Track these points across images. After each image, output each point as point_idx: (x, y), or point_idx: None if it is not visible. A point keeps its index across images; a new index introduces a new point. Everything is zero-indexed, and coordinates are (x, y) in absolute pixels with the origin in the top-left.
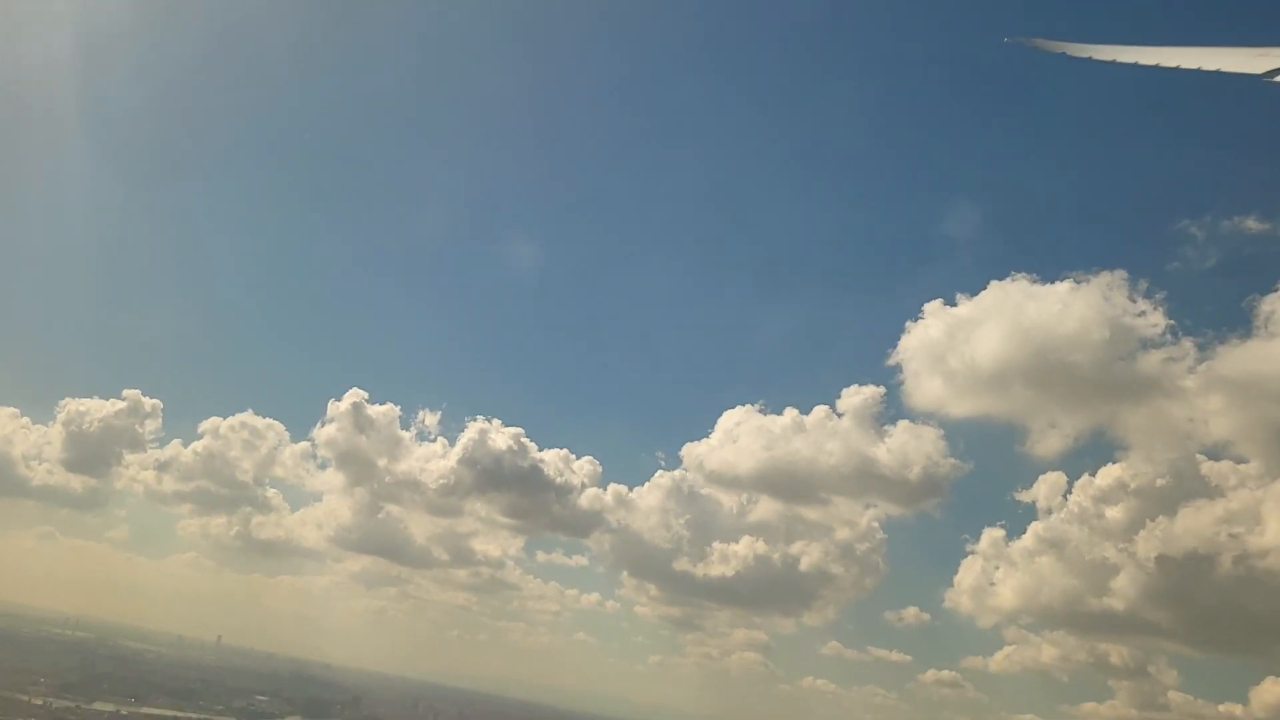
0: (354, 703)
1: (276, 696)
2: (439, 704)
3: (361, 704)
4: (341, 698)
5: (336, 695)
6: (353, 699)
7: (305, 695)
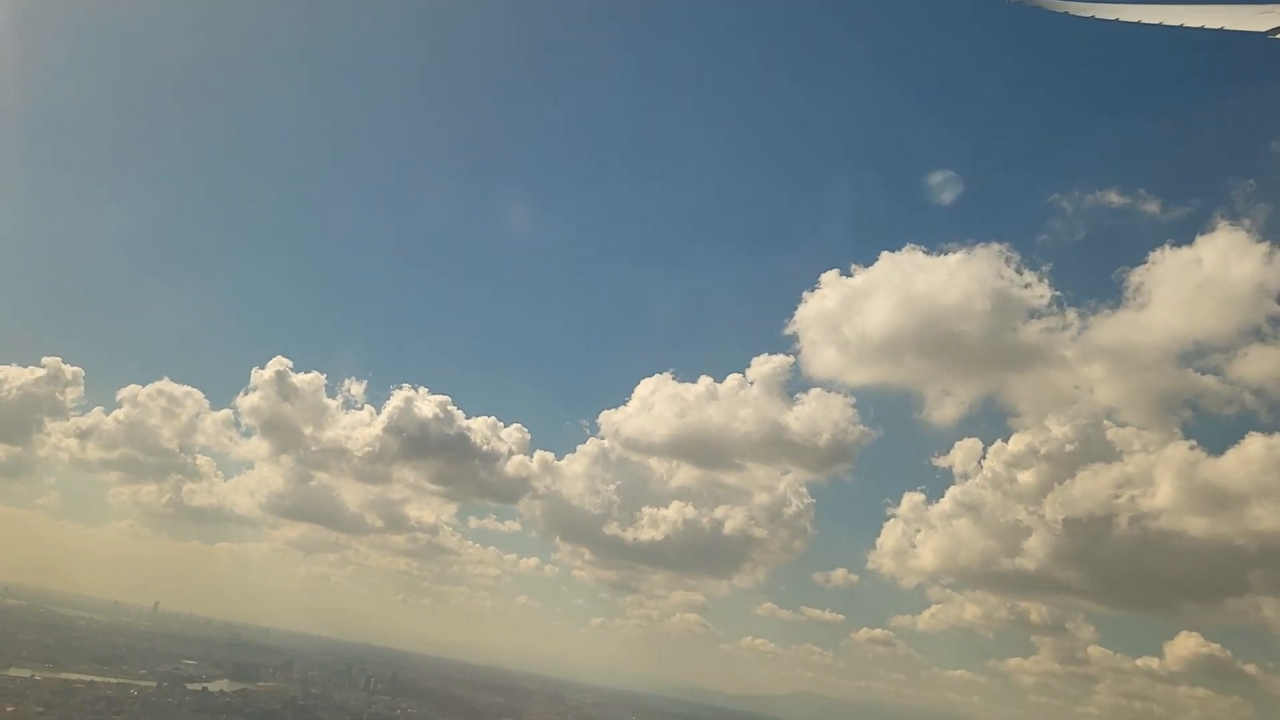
0: (286, 666)
1: (206, 661)
2: (374, 666)
3: (293, 667)
4: (275, 661)
5: (269, 659)
6: (285, 662)
7: (236, 659)
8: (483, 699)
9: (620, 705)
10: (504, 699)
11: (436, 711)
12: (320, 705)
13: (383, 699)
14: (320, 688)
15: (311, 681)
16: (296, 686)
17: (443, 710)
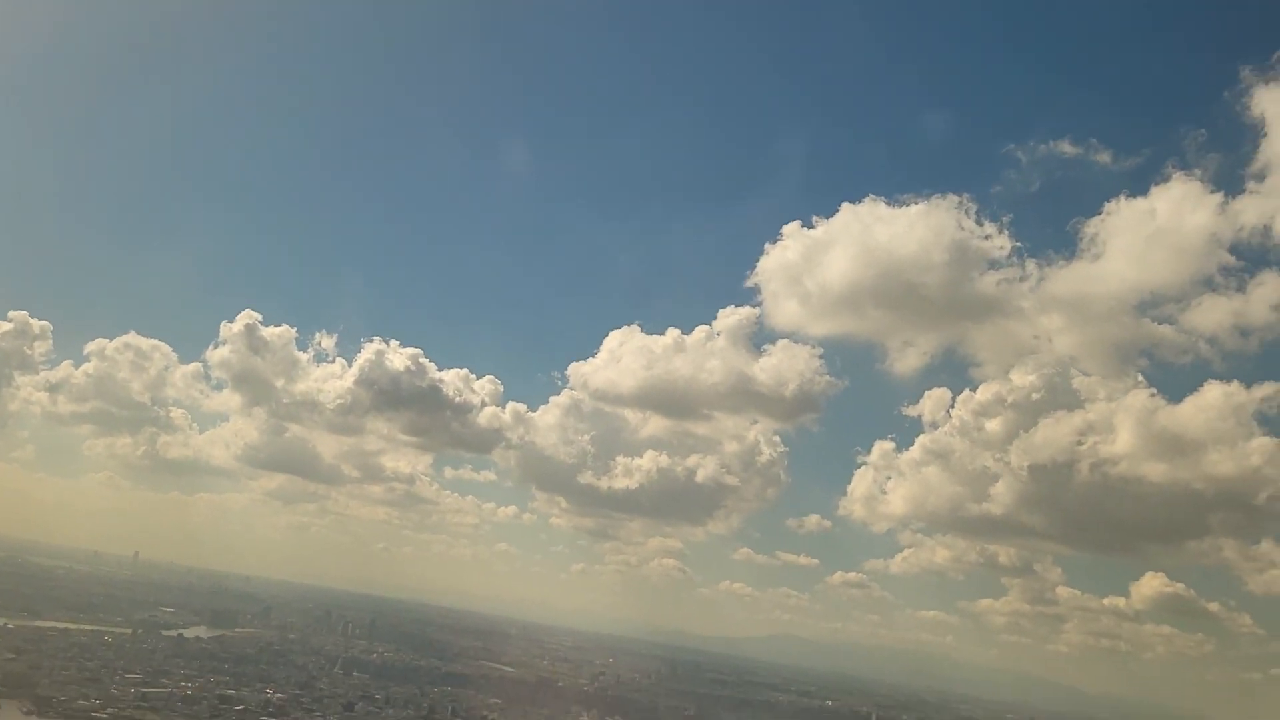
0: (264, 613)
1: (184, 608)
2: (353, 612)
3: (272, 614)
4: (253, 608)
5: (249, 606)
6: (264, 609)
7: (215, 607)
8: (461, 642)
9: (599, 648)
10: (482, 642)
11: (414, 654)
12: (297, 650)
13: (360, 643)
14: (298, 633)
15: (290, 627)
16: (274, 632)
17: (420, 653)
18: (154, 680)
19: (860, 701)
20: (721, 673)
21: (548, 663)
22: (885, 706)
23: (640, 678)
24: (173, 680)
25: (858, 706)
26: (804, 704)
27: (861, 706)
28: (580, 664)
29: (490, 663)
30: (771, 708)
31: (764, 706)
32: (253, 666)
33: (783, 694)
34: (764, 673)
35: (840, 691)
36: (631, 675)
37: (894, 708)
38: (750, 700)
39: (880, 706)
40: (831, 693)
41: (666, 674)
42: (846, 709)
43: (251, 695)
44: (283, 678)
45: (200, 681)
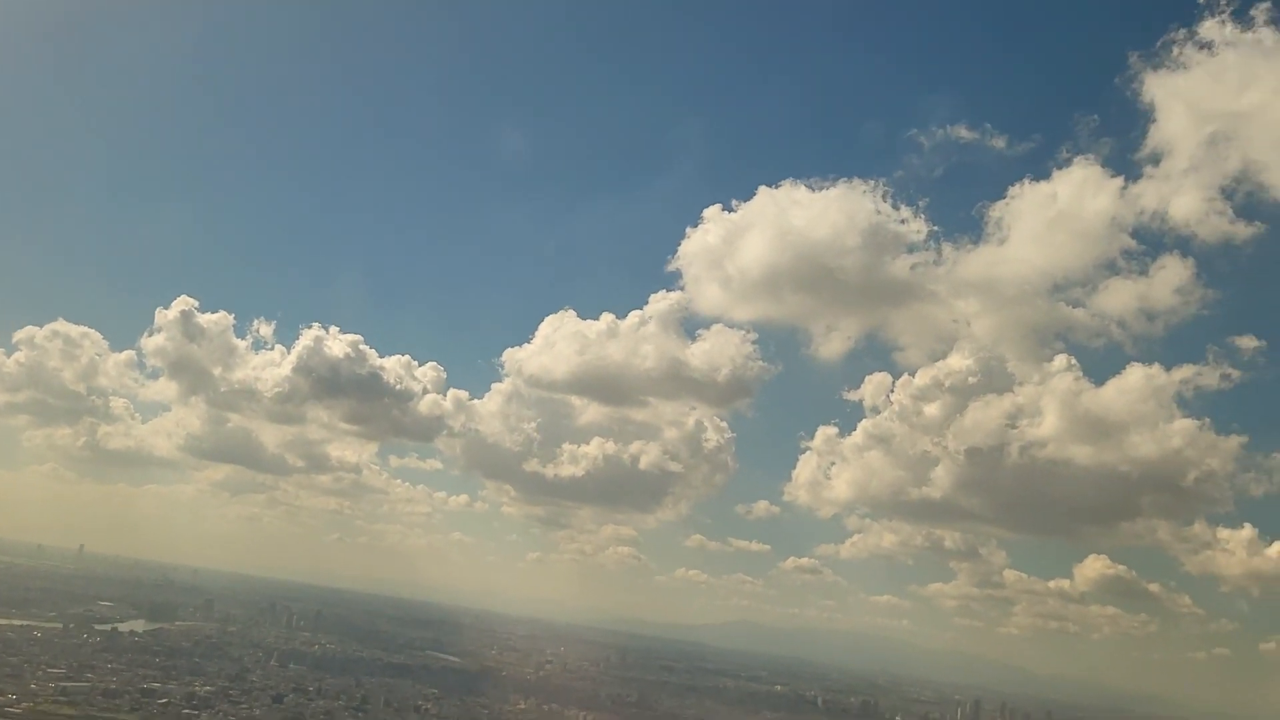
0: (207, 605)
1: (124, 602)
2: (303, 604)
3: (215, 606)
4: (196, 601)
5: (192, 599)
6: (206, 601)
7: (157, 600)
8: (410, 633)
9: (553, 637)
10: (432, 633)
11: (358, 646)
12: (235, 642)
13: (304, 635)
14: (240, 625)
15: (232, 620)
16: (215, 625)
17: (364, 644)
18: (78, 675)
19: (809, 686)
20: (674, 660)
21: (496, 652)
22: (834, 691)
23: (589, 665)
24: (98, 675)
25: (806, 691)
26: (751, 689)
27: (809, 691)
28: (529, 653)
29: (436, 653)
30: (717, 693)
31: (709, 692)
32: (185, 660)
33: (732, 680)
34: (719, 659)
35: (791, 676)
36: (580, 663)
37: (843, 692)
38: (697, 686)
39: (829, 691)
40: (782, 678)
41: (616, 661)
42: (793, 693)
43: (178, 689)
44: (215, 671)
45: (127, 675)
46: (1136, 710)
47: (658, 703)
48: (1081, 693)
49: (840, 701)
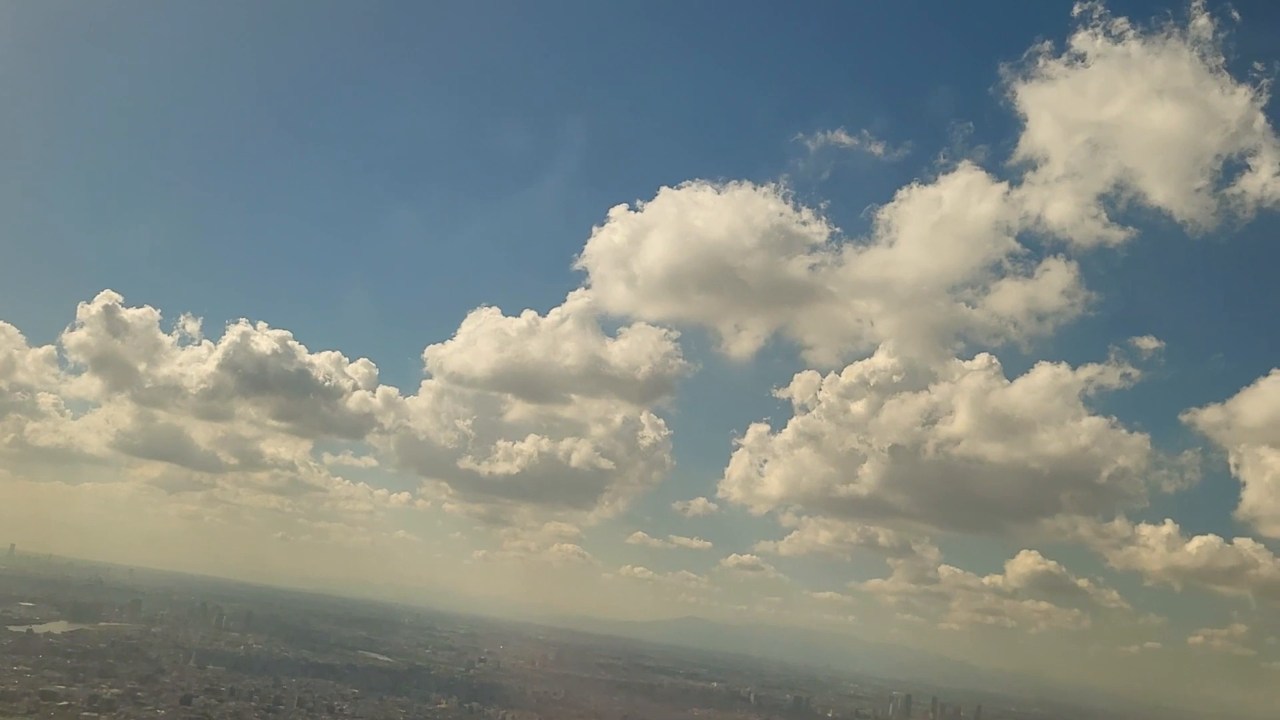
0: (134, 605)
1: (47, 602)
2: (237, 603)
3: (142, 606)
4: (124, 601)
5: (120, 599)
6: (133, 601)
7: (83, 600)
8: (344, 632)
9: (493, 635)
10: (367, 632)
11: (285, 646)
12: (157, 643)
13: (232, 635)
14: (166, 626)
15: (159, 620)
16: (140, 625)
17: (293, 644)
18: None
19: (747, 682)
20: (613, 657)
21: (430, 651)
22: (771, 686)
23: (523, 664)
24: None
25: (742, 687)
26: (686, 686)
27: (745, 687)
28: (465, 651)
29: (367, 652)
30: (649, 690)
31: (642, 689)
32: (98, 661)
33: (669, 677)
34: (661, 656)
35: (731, 673)
36: (515, 661)
37: (780, 687)
38: (630, 684)
39: (766, 686)
40: (722, 674)
41: (552, 659)
42: (728, 690)
43: (81, 691)
44: (127, 672)
45: (31, 678)
46: (1071, 702)
47: (585, 700)
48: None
49: (774, 697)
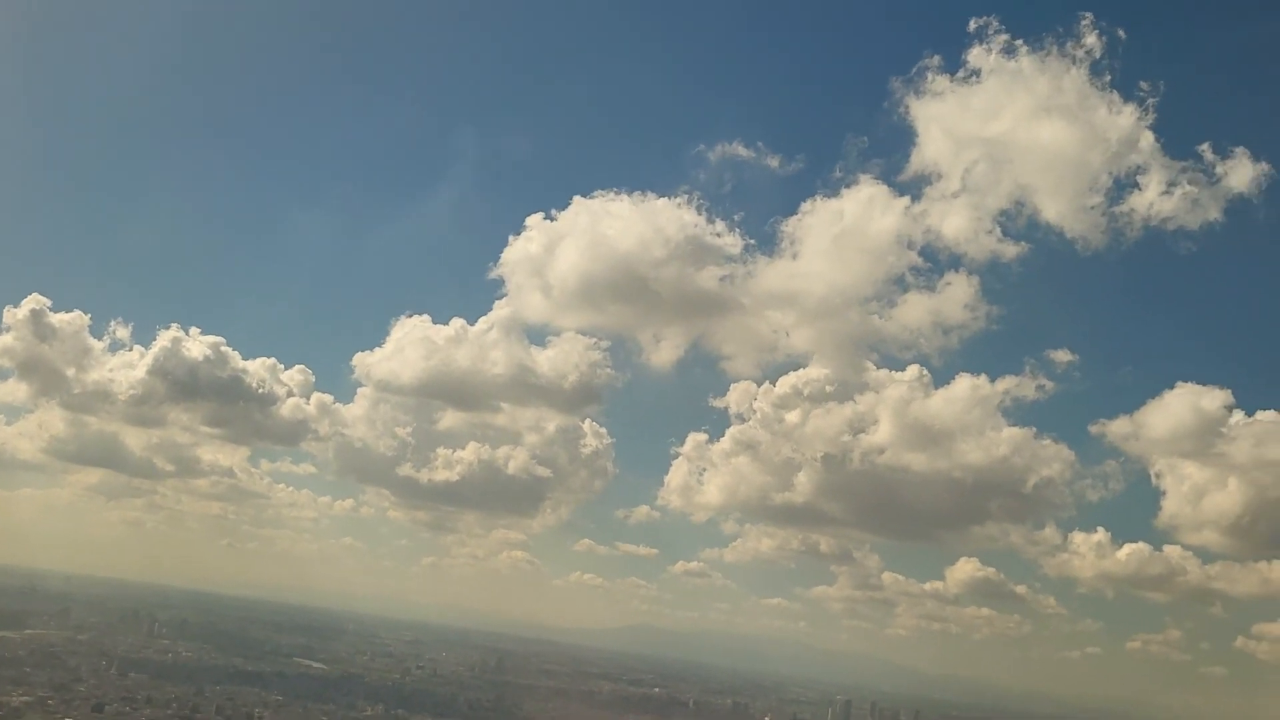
0: (63, 613)
1: None
2: (173, 611)
3: (71, 613)
4: (55, 608)
5: (51, 605)
6: (63, 609)
7: (12, 607)
8: (282, 639)
9: (439, 641)
10: (307, 639)
11: (216, 653)
12: (82, 651)
13: (163, 642)
14: (94, 633)
15: (88, 627)
16: (66, 633)
17: (225, 651)
18: None
19: (691, 688)
20: (558, 663)
21: (368, 658)
22: (714, 692)
23: (462, 670)
24: None
25: (684, 693)
26: (627, 692)
27: (687, 693)
28: (404, 658)
29: (302, 660)
30: (587, 696)
31: (579, 696)
32: (13, 670)
33: (611, 683)
34: (609, 663)
35: (676, 679)
36: (455, 669)
37: (723, 693)
38: (568, 690)
39: (709, 692)
40: (666, 680)
41: (493, 666)
42: (668, 696)
43: None
44: (42, 680)
45: None
46: (1015, 707)
47: (517, 707)
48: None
49: (713, 703)
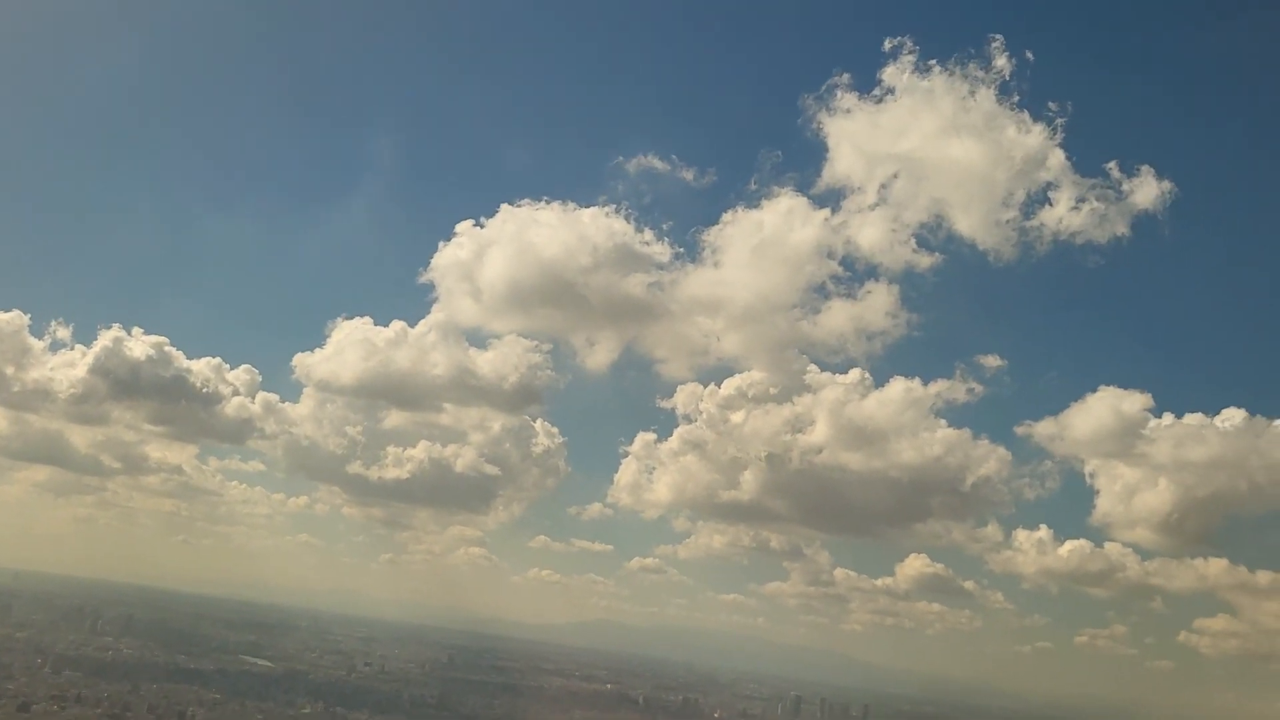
0: (3, 610)
1: None
2: (120, 607)
3: (12, 610)
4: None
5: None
6: (3, 606)
7: None
8: (232, 636)
9: (394, 639)
10: (257, 636)
11: (160, 650)
12: (17, 649)
13: (105, 639)
14: (34, 630)
15: (29, 625)
16: (5, 630)
17: (169, 649)
18: None
19: (644, 684)
20: (511, 660)
21: (316, 655)
22: (667, 688)
23: (412, 667)
24: None
25: (635, 689)
26: (578, 688)
27: (639, 688)
28: (353, 655)
29: (249, 657)
30: (536, 693)
31: (528, 692)
32: None
33: (563, 679)
34: (566, 659)
35: (631, 675)
36: (404, 665)
37: (676, 689)
38: (517, 686)
39: (662, 688)
40: (621, 676)
41: (444, 662)
42: (618, 692)
43: None
44: None
45: None
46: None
47: (461, 703)
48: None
49: (663, 699)
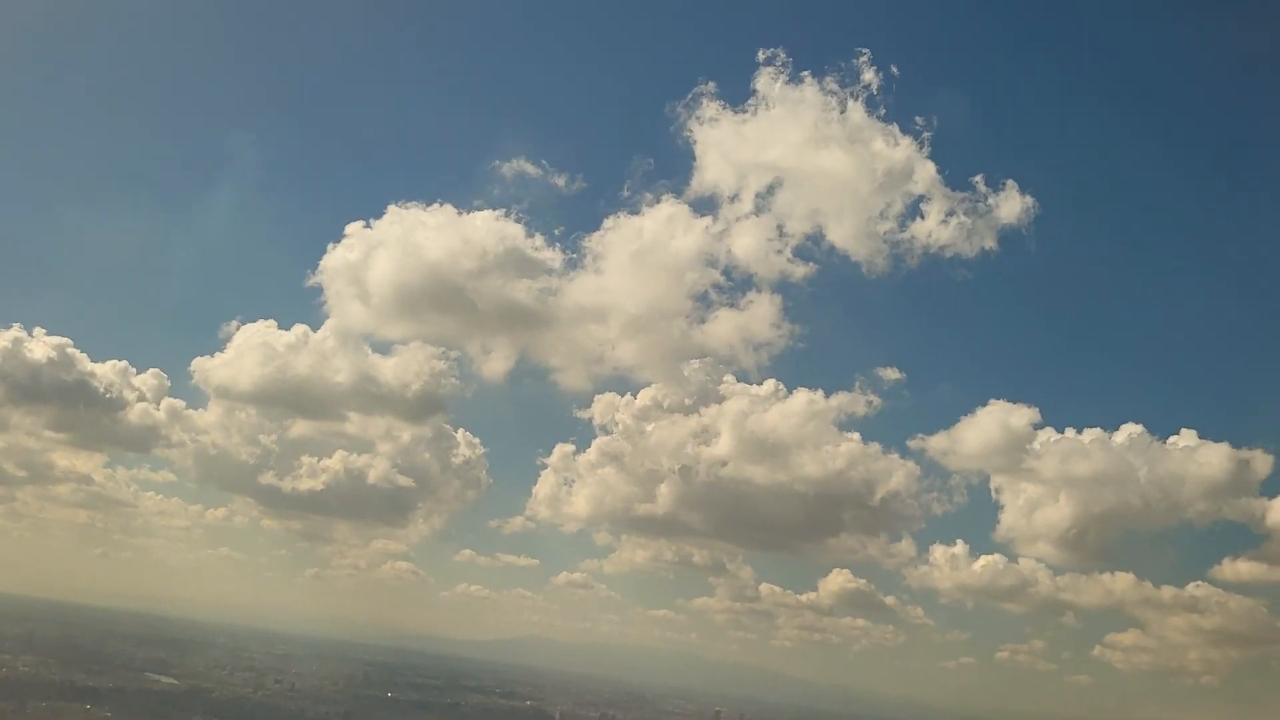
0: None
1: None
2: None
3: None
4: None
5: None
6: None
7: None
8: (140, 653)
9: (313, 655)
10: (167, 652)
11: (59, 668)
12: None
13: (4, 657)
14: None
15: None
16: None
17: (69, 665)
18: None
19: (564, 700)
20: (433, 677)
21: (227, 673)
22: (586, 704)
23: (325, 684)
24: None
25: (552, 705)
26: (495, 704)
27: (558, 705)
28: (266, 672)
29: (154, 674)
30: (448, 709)
31: (440, 709)
32: None
33: (483, 696)
34: (492, 676)
35: (556, 691)
36: (318, 682)
37: (597, 705)
38: (432, 703)
39: (582, 704)
40: (545, 693)
41: (359, 679)
42: (535, 709)
43: None
44: None
45: None
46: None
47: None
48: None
49: (583, 715)
